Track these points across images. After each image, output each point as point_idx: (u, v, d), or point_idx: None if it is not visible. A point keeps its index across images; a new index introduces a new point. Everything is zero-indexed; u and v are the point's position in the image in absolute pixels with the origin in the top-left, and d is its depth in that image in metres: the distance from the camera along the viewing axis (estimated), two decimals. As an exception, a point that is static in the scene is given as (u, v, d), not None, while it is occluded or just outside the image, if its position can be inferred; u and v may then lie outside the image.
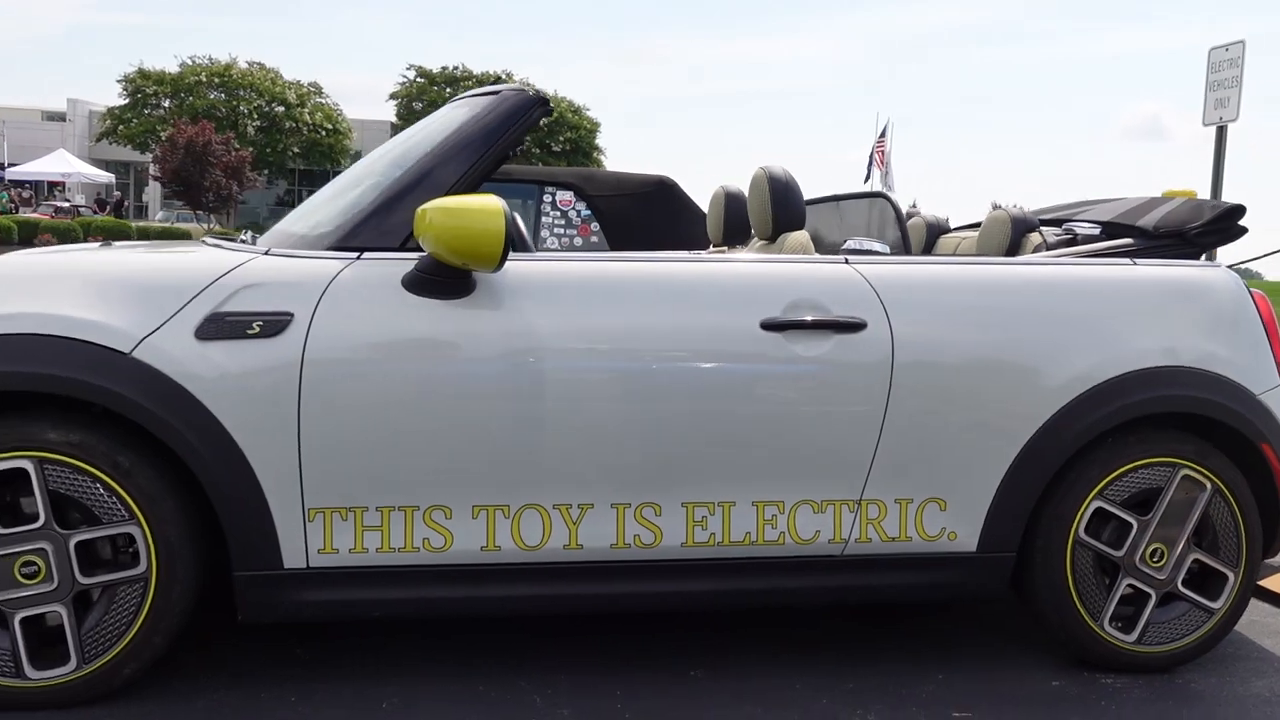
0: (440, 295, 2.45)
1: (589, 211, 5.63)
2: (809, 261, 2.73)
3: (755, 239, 3.23)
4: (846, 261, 2.72)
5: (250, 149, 37.33)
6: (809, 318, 2.59)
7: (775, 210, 2.99)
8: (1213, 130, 6.93)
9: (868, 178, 27.99)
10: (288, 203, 48.84)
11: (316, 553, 2.44)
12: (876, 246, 2.89)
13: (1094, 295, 2.78)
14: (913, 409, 2.63)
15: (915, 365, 2.63)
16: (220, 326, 2.37)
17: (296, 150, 43.89)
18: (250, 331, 2.38)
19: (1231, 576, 2.83)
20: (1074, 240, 3.15)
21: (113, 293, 2.38)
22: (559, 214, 5.66)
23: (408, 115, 49.54)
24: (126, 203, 40.04)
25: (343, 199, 2.76)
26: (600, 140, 45.02)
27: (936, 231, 3.71)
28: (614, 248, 5.47)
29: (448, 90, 51.93)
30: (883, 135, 28.50)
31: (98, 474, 2.33)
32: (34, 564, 2.33)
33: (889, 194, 3.25)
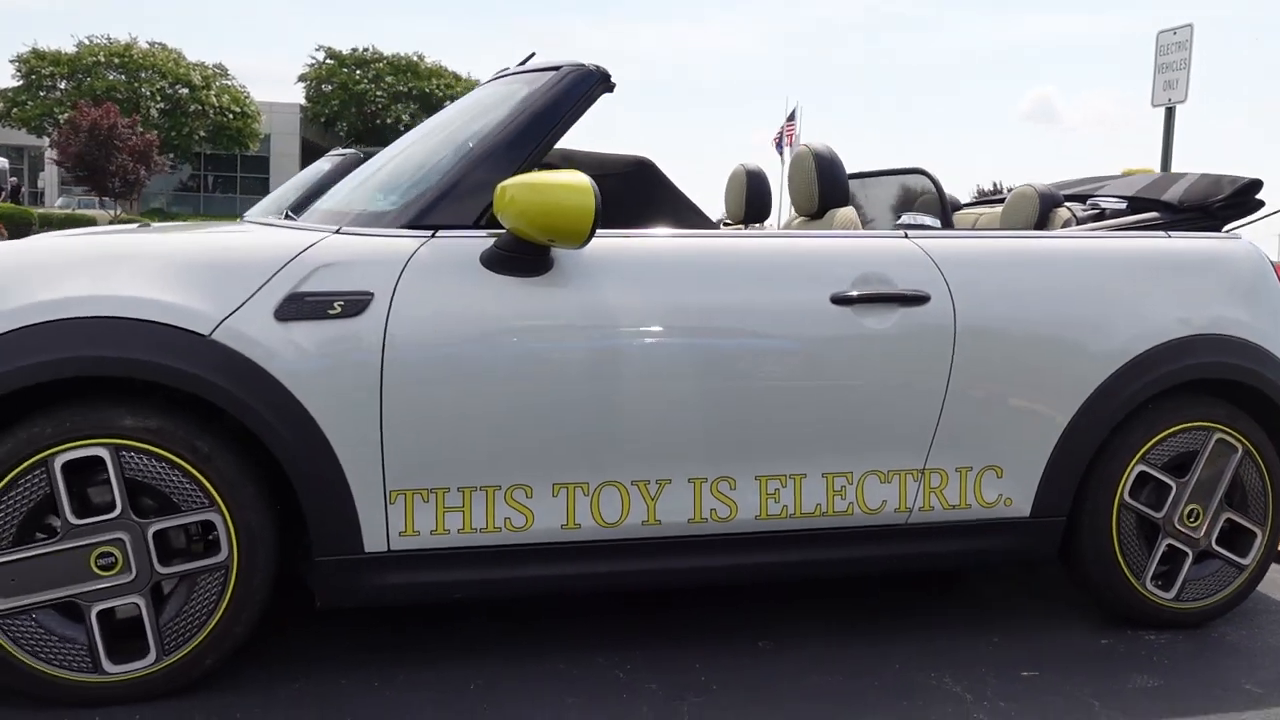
0: (520, 273, 2.43)
1: None
2: (870, 236, 2.78)
3: (794, 216, 3.26)
4: (906, 236, 2.77)
5: (155, 132, 36.13)
6: (876, 292, 2.63)
7: (822, 186, 3.02)
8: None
9: (783, 159, 28.32)
10: (192, 188, 47.47)
11: (398, 535, 2.41)
12: (929, 221, 2.95)
13: (1137, 268, 2.88)
14: (973, 379, 2.70)
15: (976, 337, 2.69)
16: (300, 307, 2.32)
17: (203, 134, 42.63)
18: (331, 311, 2.33)
19: (1260, 534, 2.97)
20: (1102, 215, 3.25)
21: (187, 274, 2.31)
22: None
23: (317, 98, 48.41)
24: (22, 188, 38.43)
25: (402, 177, 2.71)
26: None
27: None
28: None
29: (358, 72, 50.78)
30: (791, 118, 28.87)
31: (177, 460, 2.26)
32: (111, 555, 2.25)
33: (927, 170, 3.30)
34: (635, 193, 5.57)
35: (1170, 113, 6.80)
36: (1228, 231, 3.15)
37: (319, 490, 2.34)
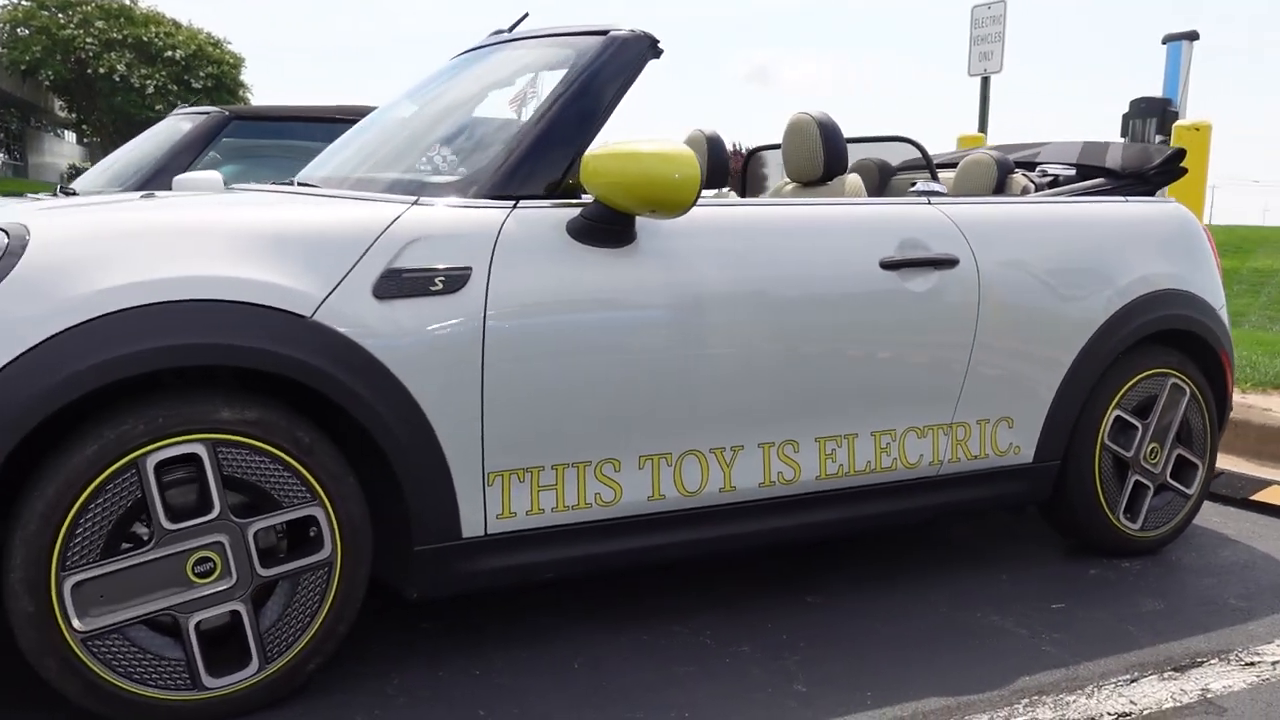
0: (607, 244, 2.39)
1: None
2: (902, 203, 2.89)
3: (786, 182, 3.33)
4: (929, 202, 2.91)
5: None
6: (917, 257, 2.76)
7: (826, 154, 3.11)
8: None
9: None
10: None
11: (495, 518, 2.33)
12: (937, 187, 3.10)
13: (1111, 230, 3.16)
14: (993, 337, 2.89)
15: (996, 297, 2.87)
16: (400, 284, 2.18)
17: None
18: (433, 288, 2.21)
19: (1201, 466, 3.35)
20: (1056, 181, 3.51)
21: (277, 250, 2.12)
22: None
23: (13, 43, 43.63)
24: None
25: (454, 145, 2.59)
26: (245, 77, 42.13)
27: (889, 171, 3.96)
28: None
29: (60, 16, 46.25)
30: (532, 83, 28.93)
31: (278, 453, 2.09)
32: (209, 560, 2.06)
33: (912, 139, 3.45)
34: None
35: (986, 81, 7.35)
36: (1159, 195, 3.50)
37: (421, 476, 2.23)
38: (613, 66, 2.54)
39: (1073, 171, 3.51)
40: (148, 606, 2.02)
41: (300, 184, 2.75)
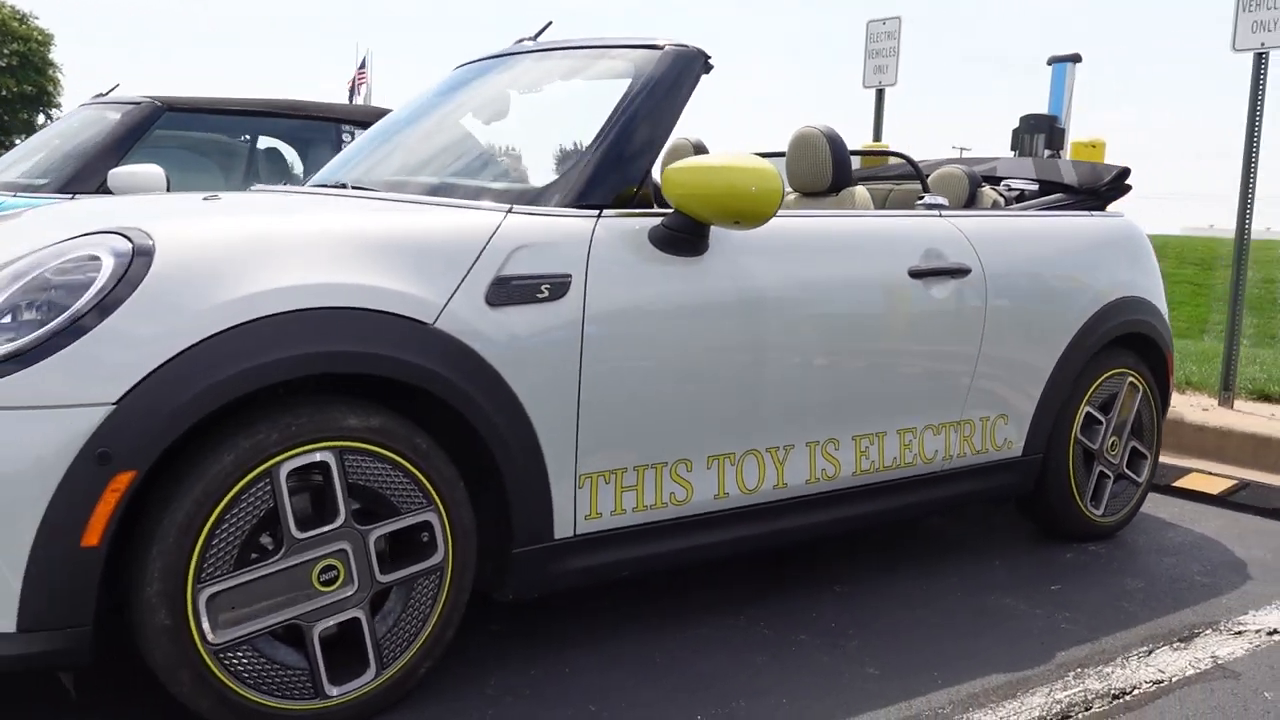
0: (685, 253, 2.48)
1: None
2: (919, 216, 3.09)
3: (790, 192, 3.48)
4: (940, 215, 3.12)
5: None
6: (938, 266, 2.96)
7: (835, 167, 3.27)
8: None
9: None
10: None
11: (583, 519, 2.39)
12: (942, 200, 3.30)
13: (1085, 241, 3.46)
14: (996, 339, 3.12)
15: (999, 302, 3.11)
16: (510, 291, 2.22)
17: None
18: (540, 295, 2.26)
19: (1150, 456, 3.69)
20: (1022, 195, 3.79)
21: (395, 258, 2.13)
22: (359, 156, 5.32)
23: None
24: None
25: (519, 153, 2.63)
26: (55, 55, 39.62)
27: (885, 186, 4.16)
28: None
29: None
30: (363, 66, 28.42)
31: (399, 460, 2.10)
32: (334, 568, 2.05)
33: (903, 154, 3.65)
34: None
35: (880, 94, 7.70)
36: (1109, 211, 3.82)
37: (523, 479, 2.27)
38: (676, 79, 2.63)
39: (1035, 186, 3.80)
40: (277, 616, 2.00)
41: (354, 186, 2.72)
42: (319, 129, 5.29)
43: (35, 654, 1.82)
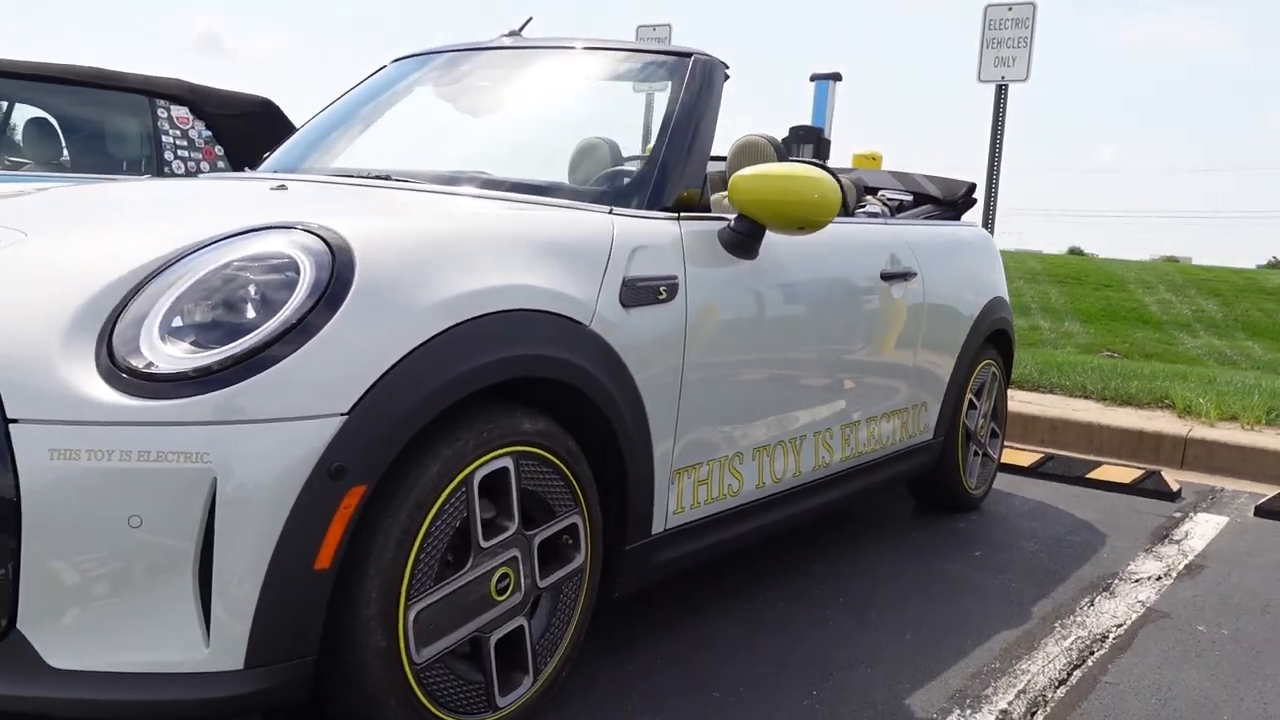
0: (746, 255, 2.60)
1: (209, 132, 4.98)
2: (880, 224, 3.38)
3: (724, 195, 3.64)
4: (886, 223, 3.43)
5: None
6: (897, 270, 3.27)
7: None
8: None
9: None
10: None
11: (672, 514, 2.46)
12: (878, 209, 3.60)
13: (970, 248, 3.92)
14: (929, 334, 3.49)
15: (933, 302, 3.48)
16: (636, 292, 2.25)
17: None
18: (659, 297, 2.31)
19: (1001, 436, 4.25)
20: (902, 206, 4.19)
21: (547, 259, 2.09)
22: (179, 133, 4.87)
23: None
24: None
25: (575, 156, 2.64)
26: None
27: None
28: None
29: None
30: None
31: (557, 463, 2.08)
32: (507, 576, 2.00)
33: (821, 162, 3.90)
34: (263, 136, 5.25)
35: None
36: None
37: (640, 478, 2.31)
38: (712, 86, 2.75)
39: (910, 197, 4.23)
40: (465, 629, 1.93)
41: (376, 176, 2.58)
42: (130, 101, 4.76)
43: (261, 691, 1.65)
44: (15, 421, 1.58)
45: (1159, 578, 3.38)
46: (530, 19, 3.13)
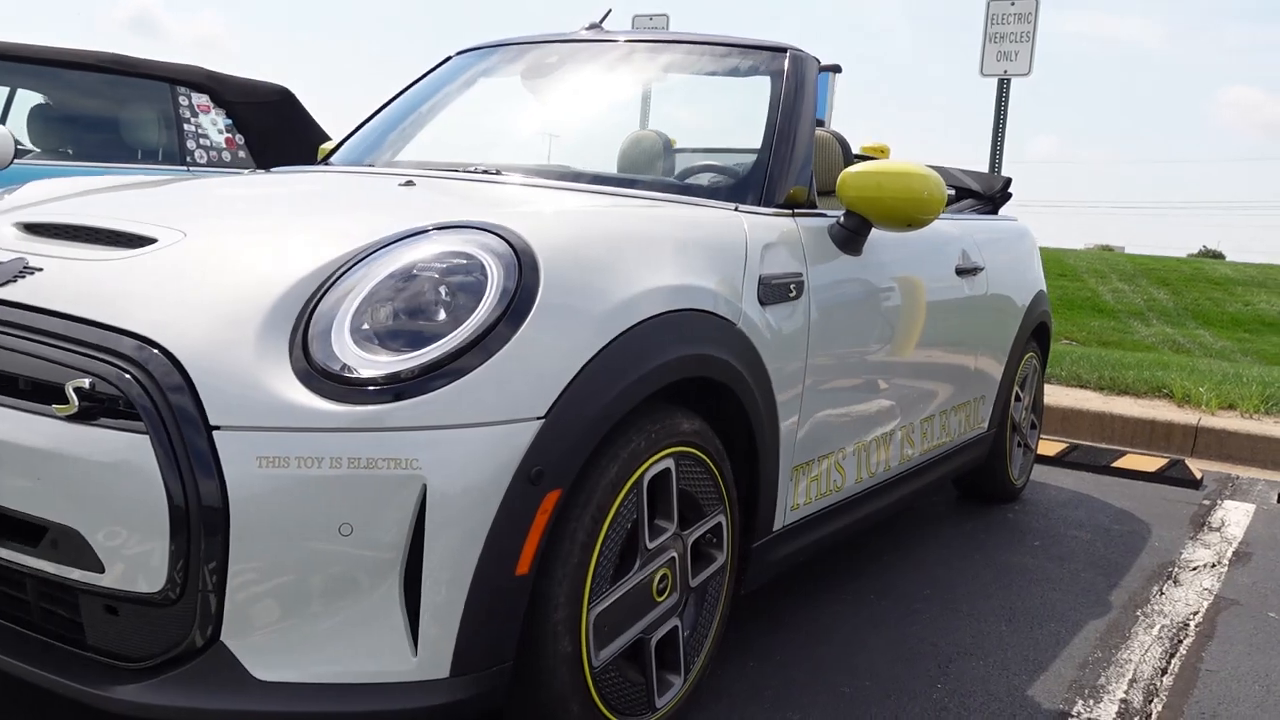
0: (854, 251, 2.61)
1: (229, 120, 4.87)
2: (952, 219, 3.40)
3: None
4: (954, 219, 3.46)
5: None
6: (967, 265, 3.30)
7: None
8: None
9: None
10: None
11: (790, 510, 2.47)
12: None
13: (1020, 240, 3.98)
14: (990, 328, 3.53)
15: (994, 295, 3.52)
16: (770, 290, 2.25)
17: None
18: (790, 295, 2.31)
19: (1039, 427, 4.31)
20: (949, 200, 4.22)
21: (692, 257, 2.08)
22: (200, 122, 4.75)
23: None
24: None
25: (639, 149, 2.65)
26: None
27: None
28: (257, 165, 4.91)
29: None
30: None
31: (708, 462, 2.08)
32: (665, 576, 2.00)
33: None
34: (284, 126, 5.18)
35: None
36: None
37: (769, 475, 2.32)
38: (808, 83, 2.75)
39: (953, 192, 4.26)
40: (634, 631, 1.92)
41: (484, 171, 2.54)
42: (152, 89, 4.64)
43: (467, 700, 1.63)
44: (218, 429, 1.54)
45: (1213, 565, 3.46)
46: (610, 11, 3.11)
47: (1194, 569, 3.41)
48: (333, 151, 3.16)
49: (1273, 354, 15.68)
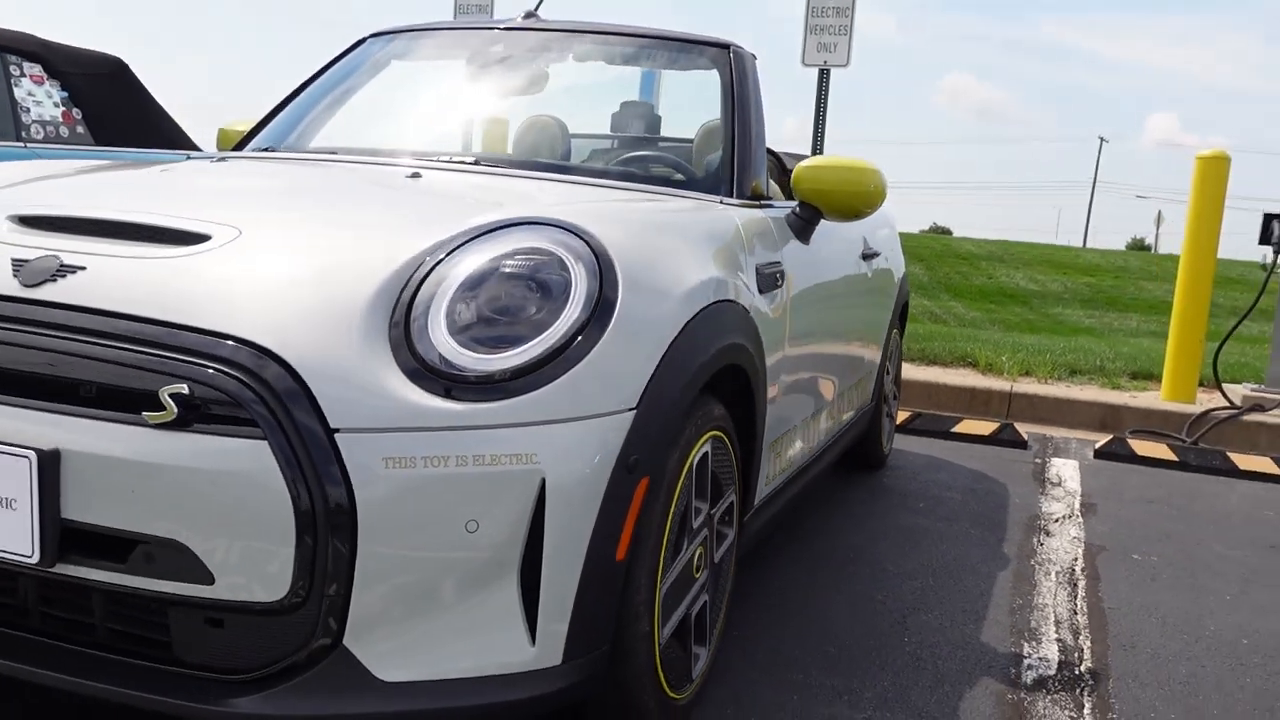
0: (806, 240, 2.78)
1: (65, 93, 4.52)
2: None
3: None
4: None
5: None
6: (869, 251, 3.55)
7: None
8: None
9: None
10: None
11: (764, 485, 2.61)
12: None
13: (892, 227, 4.27)
14: (881, 307, 3.81)
15: (882, 276, 3.79)
16: (764, 279, 2.38)
17: None
18: (778, 283, 2.44)
19: (898, 397, 4.66)
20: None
21: (714, 249, 2.18)
22: (33, 94, 4.37)
23: None
24: None
25: (713, 152, 2.74)
26: None
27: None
28: (95, 140, 4.61)
29: None
30: None
31: (729, 444, 2.19)
32: (700, 555, 2.10)
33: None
34: (120, 100, 4.94)
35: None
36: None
37: (760, 453, 2.45)
38: (756, 77, 2.90)
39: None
40: (683, 608, 2.01)
41: (480, 161, 2.54)
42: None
43: (578, 684, 1.68)
44: (338, 431, 1.52)
45: (1070, 516, 3.88)
46: (540, 2, 3.13)
47: (1057, 520, 3.81)
48: (250, 135, 3.03)
49: (1016, 322, 17.28)
